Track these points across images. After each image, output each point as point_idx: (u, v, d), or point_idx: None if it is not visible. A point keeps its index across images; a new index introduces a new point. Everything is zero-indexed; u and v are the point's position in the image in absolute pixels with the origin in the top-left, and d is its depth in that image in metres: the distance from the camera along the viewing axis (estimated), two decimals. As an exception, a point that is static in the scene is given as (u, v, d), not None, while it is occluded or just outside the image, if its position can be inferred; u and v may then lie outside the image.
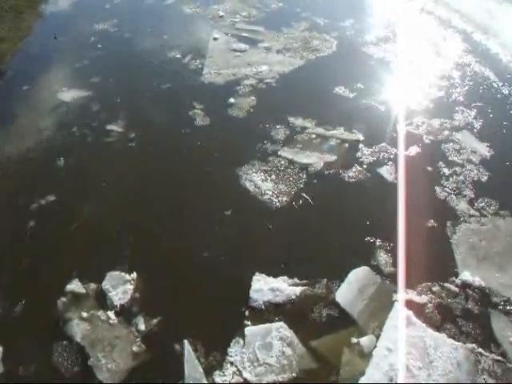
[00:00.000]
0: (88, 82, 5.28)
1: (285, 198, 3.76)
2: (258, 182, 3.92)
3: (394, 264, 3.33)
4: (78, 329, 3.01)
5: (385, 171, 3.97)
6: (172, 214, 3.71)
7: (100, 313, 3.10)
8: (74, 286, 3.23)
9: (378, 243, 3.44)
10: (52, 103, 4.97)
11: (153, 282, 3.27)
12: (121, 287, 3.21)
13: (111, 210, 3.79)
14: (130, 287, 3.21)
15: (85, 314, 3.09)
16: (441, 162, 4.06)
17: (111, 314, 3.08)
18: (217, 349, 2.90)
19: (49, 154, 4.35)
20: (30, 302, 3.18)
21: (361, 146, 4.22)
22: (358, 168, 4.02)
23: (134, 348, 2.92)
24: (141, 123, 4.66)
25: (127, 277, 3.27)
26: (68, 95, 5.09)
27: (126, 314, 3.10)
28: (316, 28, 6.30)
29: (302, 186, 3.86)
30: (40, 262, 3.42)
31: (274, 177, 3.95)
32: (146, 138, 4.46)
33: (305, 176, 3.94)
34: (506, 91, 4.96)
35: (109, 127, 4.60)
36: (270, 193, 3.80)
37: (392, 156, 4.13)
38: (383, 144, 4.23)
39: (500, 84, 5.08)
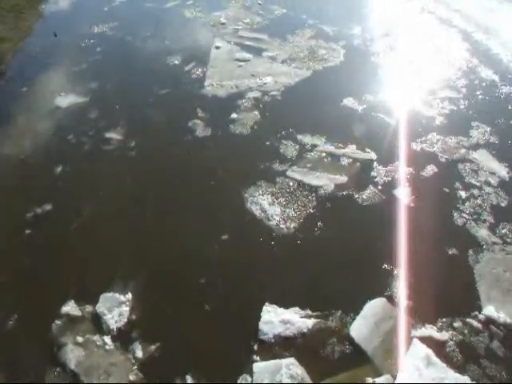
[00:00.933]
0: (86, 87, 5.18)
1: (293, 224, 3.56)
2: (265, 205, 3.72)
3: (413, 296, 3.12)
4: (73, 355, 2.86)
5: (400, 193, 3.78)
6: (171, 235, 3.53)
7: (96, 337, 2.95)
8: (70, 307, 3.09)
9: (394, 272, 3.25)
10: (50, 108, 4.88)
11: (150, 304, 3.12)
12: (116, 309, 3.06)
13: (107, 225, 3.64)
14: (125, 309, 3.07)
15: (80, 339, 2.94)
16: (458, 184, 3.87)
17: (107, 338, 2.94)
18: (222, 386, 2.70)
19: (45, 162, 4.23)
20: (23, 324, 3.03)
21: (374, 165, 4.03)
22: (372, 189, 3.82)
23: (131, 377, 2.77)
24: (140, 133, 4.50)
25: (122, 298, 3.12)
26: (66, 101, 4.98)
27: (122, 338, 2.95)
28: (322, 36, 6.11)
29: (311, 210, 3.66)
30: (35, 279, 3.27)
31: (281, 200, 3.75)
32: (145, 149, 4.30)
33: (315, 199, 3.74)
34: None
35: (108, 135, 4.48)
36: (278, 218, 3.60)
37: (408, 176, 3.93)
38: (397, 163, 4.04)
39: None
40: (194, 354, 2.85)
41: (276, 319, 2.99)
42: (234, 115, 4.57)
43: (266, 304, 3.06)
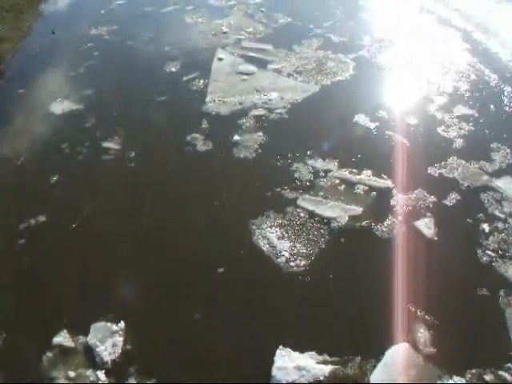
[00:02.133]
0: (83, 93, 5.05)
1: (304, 262, 3.29)
2: (274, 239, 3.45)
3: (438, 342, 2.87)
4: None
5: (423, 225, 3.52)
6: (169, 269, 3.28)
7: (89, 372, 2.75)
8: (62, 338, 2.88)
9: (418, 315, 2.99)
10: (45, 115, 4.74)
11: (145, 335, 2.91)
12: (109, 340, 2.85)
13: (100, 247, 3.43)
14: (119, 339, 2.86)
15: (72, 374, 2.74)
16: (481, 215, 3.62)
17: (101, 373, 2.73)
18: None
19: (40, 172, 4.05)
20: (12, 356, 2.82)
21: (391, 193, 3.77)
22: (390, 221, 3.55)
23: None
24: (139, 144, 4.30)
25: (114, 327, 2.91)
26: (62, 107, 4.84)
27: (116, 372, 2.74)
28: (330, 46, 5.85)
29: (324, 246, 3.39)
30: (25, 306, 3.08)
31: (291, 233, 3.48)
32: (142, 172, 4.06)
33: (327, 233, 3.47)
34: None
35: (105, 144, 4.32)
36: (287, 254, 3.34)
37: (428, 206, 3.68)
38: (416, 191, 3.78)
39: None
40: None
41: (290, 365, 2.75)
42: (237, 137, 4.27)
43: (280, 347, 2.81)
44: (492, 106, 4.86)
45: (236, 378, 2.69)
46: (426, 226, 3.50)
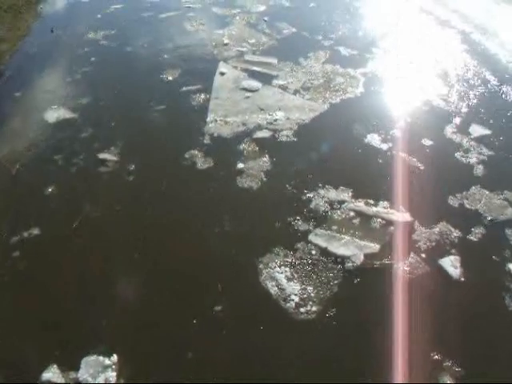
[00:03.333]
0: (79, 100, 4.94)
1: (315, 308, 3.00)
2: (282, 280, 3.16)
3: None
4: None
5: (448, 264, 3.23)
6: (161, 306, 2.99)
7: None
8: (52, 374, 2.64)
9: (444, 367, 2.70)
10: (40, 122, 4.62)
11: (141, 369, 2.69)
12: (101, 375, 2.63)
13: (92, 267, 3.22)
14: (112, 374, 2.64)
15: None
16: (509, 253, 3.33)
17: None
18: None
19: (31, 183, 3.91)
20: None
21: (411, 227, 3.47)
22: (412, 260, 3.25)
23: None
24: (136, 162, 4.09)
25: (107, 361, 2.69)
26: (57, 114, 4.72)
27: None
28: (338, 60, 5.60)
29: (337, 289, 3.10)
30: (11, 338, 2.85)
31: (302, 274, 3.19)
32: (140, 188, 3.85)
33: (341, 274, 3.18)
34: None
35: (101, 156, 4.17)
36: (297, 299, 3.05)
37: (452, 241, 3.38)
38: (439, 225, 3.48)
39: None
40: None
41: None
42: (241, 164, 3.96)
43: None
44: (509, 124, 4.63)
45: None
46: (452, 264, 3.21)
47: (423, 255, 3.30)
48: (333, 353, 2.82)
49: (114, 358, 2.70)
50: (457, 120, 4.66)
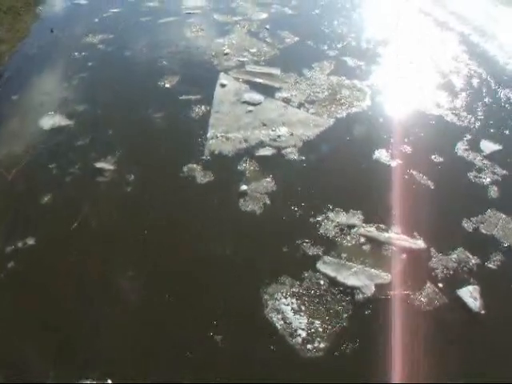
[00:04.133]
0: (75, 107, 4.90)
1: (323, 345, 2.82)
2: (289, 313, 2.99)
3: None
4: None
5: (467, 295, 3.05)
6: (158, 339, 2.82)
7: None
8: None
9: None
10: (35, 129, 4.57)
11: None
12: None
13: (85, 284, 3.12)
14: None
15: None
16: (532, 281, 3.19)
17: None
18: None
19: (24, 193, 3.82)
20: None
21: (426, 255, 3.30)
22: (427, 291, 3.07)
23: None
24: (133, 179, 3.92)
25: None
26: (53, 121, 4.65)
27: None
28: (344, 71, 5.45)
29: (347, 323, 2.93)
30: None
31: (309, 306, 3.02)
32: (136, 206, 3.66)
33: (351, 306, 3.01)
34: None
35: (98, 165, 4.09)
36: (304, 334, 2.87)
37: (472, 270, 3.21)
38: (456, 252, 3.31)
39: None
40: None
41: None
42: (243, 186, 3.77)
43: None
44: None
45: None
46: (471, 295, 3.04)
47: (439, 285, 3.12)
48: (346, 374, 2.66)
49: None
50: (466, 134, 4.51)
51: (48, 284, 3.16)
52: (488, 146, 4.38)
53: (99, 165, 4.11)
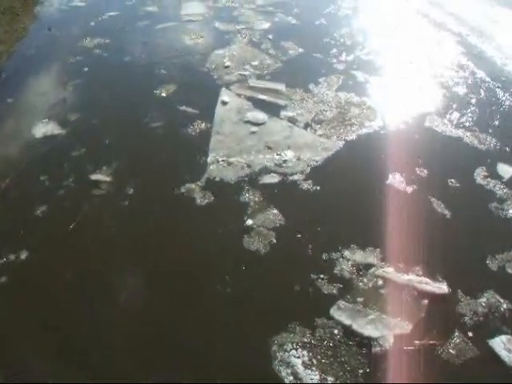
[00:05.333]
0: (70, 115, 4.83)
1: (338, 406, 2.61)
2: (299, 367, 2.75)
3: None
4: None
5: (499, 346, 2.80)
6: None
7: None
8: None
9: None
10: (29, 137, 4.53)
11: None
12: None
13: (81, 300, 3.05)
14: None
15: None
16: None
17: None
18: None
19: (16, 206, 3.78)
20: None
21: (450, 299, 3.05)
22: (454, 342, 2.83)
23: None
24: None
25: None
26: (46, 129, 4.61)
27: None
28: (352, 86, 5.22)
29: (362, 379, 2.69)
30: None
31: (322, 359, 2.78)
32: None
33: (367, 360, 2.77)
34: None
35: (94, 177, 4.03)
36: (318, 392, 2.65)
37: (503, 317, 2.97)
38: (484, 296, 3.07)
39: None
40: None
41: None
42: (249, 221, 3.52)
43: None
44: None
45: None
46: (504, 347, 2.79)
47: (468, 335, 2.88)
48: None
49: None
50: (482, 157, 4.28)
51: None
52: (507, 171, 4.17)
53: (94, 177, 4.03)
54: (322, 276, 3.20)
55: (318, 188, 3.86)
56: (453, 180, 4.03)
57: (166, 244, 3.46)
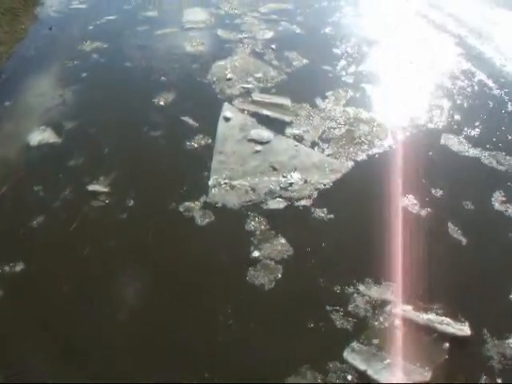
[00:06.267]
0: (69, 121, 4.80)
1: None
2: (311, 417, 2.58)
3: None
4: None
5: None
6: None
7: None
8: None
9: None
10: (24, 144, 4.50)
11: None
12: None
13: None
14: None
15: None
16: None
17: None
18: None
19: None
20: None
21: (473, 343, 2.86)
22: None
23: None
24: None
25: None
26: (42, 137, 4.57)
27: None
28: (360, 101, 5.02)
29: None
30: None
31: (335, 411, 2.61)
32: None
33: (386, 411, 2.60)
34: None
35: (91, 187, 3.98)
36: None
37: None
38: (508, 336, 2.89)
39: None
40: None
41: None
42: (255, 253, 3.32)
43: None
44: None
45: None
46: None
47: (496, 381, 2.69)
48: None
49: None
50: (501, 181, 4.08)
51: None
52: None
53: (91, 187, 3.98)
54: (334, 314, 3.01)
55: (327, 215, 3.66)
56: (468, 203, 3.86)
57: (164, 280, 3.27)
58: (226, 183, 3.96)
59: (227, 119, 4.73)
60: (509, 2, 7.35)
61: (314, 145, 4.41)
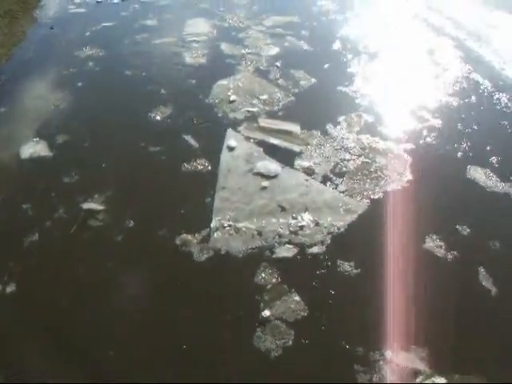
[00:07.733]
0: (64, 134, 4.70)
1: None
2: None
3: None
4: None
5: None
6: None
7: None
8: None
9: None
10: (19, 158, 4.43)
11: None
12: None
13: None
14: None
15: None
16: None
17: None
18: None
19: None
20: None
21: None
22: None
23: None
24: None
25: None
26: (34, 150, 4.50)
27: None
28: (375, 127, 4.74)
29: None
30: None
31: None
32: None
33: None
34: None
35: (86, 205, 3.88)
36: None
37: None
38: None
39: None
40: None
41: None
42: (266, 312, 3.01)
43: None
44: None
45: None
46: None
47: None
48: None
49: None
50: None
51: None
52: None
53: (86, 205, 3.89)
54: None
55: (343, 265, 3.35)
56: (497, 243, 3.56)
57: (163, 334, 2.97)
58: (229, 225, 3.65)
59: (231, 148, 4.42)
60: (507, 5, 7.32)
61: (325, 179, 4.11)
